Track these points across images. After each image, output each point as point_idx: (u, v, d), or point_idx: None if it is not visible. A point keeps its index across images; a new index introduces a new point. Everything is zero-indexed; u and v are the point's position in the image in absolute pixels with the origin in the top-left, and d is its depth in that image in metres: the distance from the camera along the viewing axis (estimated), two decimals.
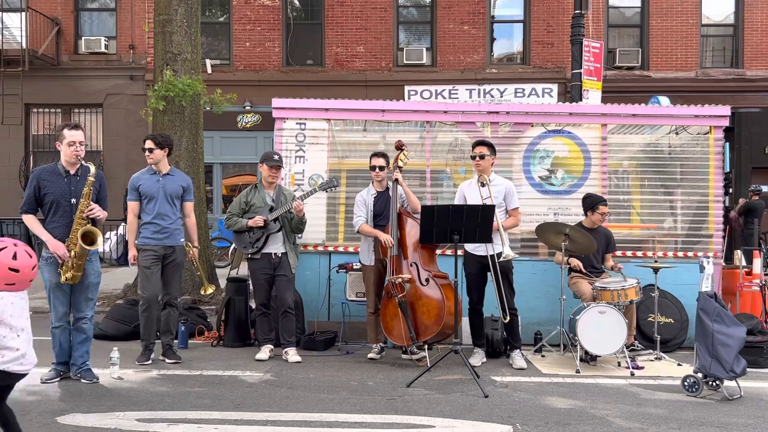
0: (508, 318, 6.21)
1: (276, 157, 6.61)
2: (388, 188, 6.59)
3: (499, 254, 6.14)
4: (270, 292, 6.56)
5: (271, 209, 6.48)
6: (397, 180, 6.42)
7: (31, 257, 3.47)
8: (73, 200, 5.37)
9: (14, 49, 15.87)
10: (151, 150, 6.24)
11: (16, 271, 3.37)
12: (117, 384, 5.45)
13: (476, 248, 6.31)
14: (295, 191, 7.02)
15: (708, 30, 16.72)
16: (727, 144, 8.95)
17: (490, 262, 6.16)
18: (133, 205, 6.25)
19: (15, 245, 3.44)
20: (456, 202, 6.51)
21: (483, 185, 6.31)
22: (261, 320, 6.61)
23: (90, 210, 5.34)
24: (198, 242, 6.38)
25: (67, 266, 5.28)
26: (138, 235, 6.22)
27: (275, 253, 6.45)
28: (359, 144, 7.84)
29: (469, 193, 6.44)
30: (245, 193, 6.66)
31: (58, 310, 5.43)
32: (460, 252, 6.78)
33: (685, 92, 15.15)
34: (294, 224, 6.49)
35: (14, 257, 3.38)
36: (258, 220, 6.40)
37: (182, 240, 6.33)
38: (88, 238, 5.28)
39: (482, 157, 6.35)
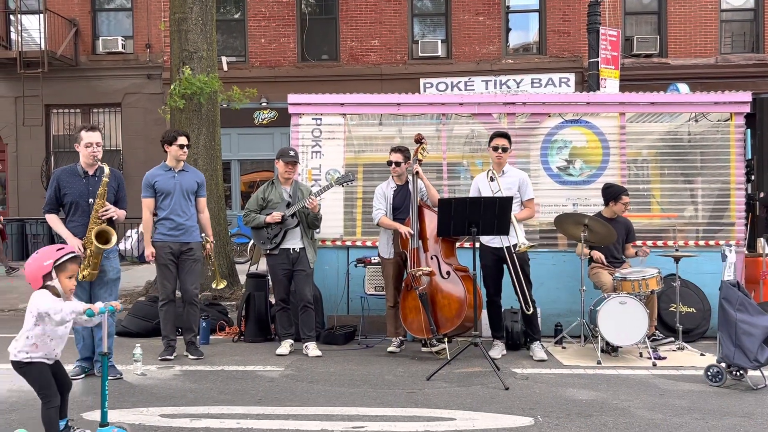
0: (531, 310, 6.18)
1: (292, 153, 6.63)
2: (407, 182, 6.58)
3: (514, 246, 6.11)
4: (289, 288, 6.59)
5: (288, 205, 6.51)
6: (417, 173, 6.40)
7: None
8: (91, 200, 5.45)
9: (33, 51, 16.05)
10: (189, 146, 6.38)
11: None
12: (140, 380, 5.52)
13: (491, 240, 6.28)
14: (312, 186, 7.04)
15: (727, 15, 16.46)
16: (749, 130, 8.82)
17: (507, 254, 6.13)
18: (148, 202, 6.27)
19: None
20: (471, 194, 6.48)
21: (492, 180, 6.27)
22: (281, 315, 6.65)
23: (104, 210, 5.41)
24: (217, 238, 6.49)
25: (83, 264, 5.36)
26: (154, 231, 6.26)
27: (293, 249, 6.49)
28: (375, 138, 7.84)
29: (483, 185, 6.40)
30: (262, 189, 6.69)
31: None
32: (477, 244, 6.77)
33: (705, 79, 14.93)
34: (309, 220, 6.51)
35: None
36: (275, 216, 6.43)
37: (203, 235, 6.39)
38: (103, 237, 5.36)
39: (504, 149, 6.30)
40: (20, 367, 3.82)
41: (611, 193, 6.79)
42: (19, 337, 3.82)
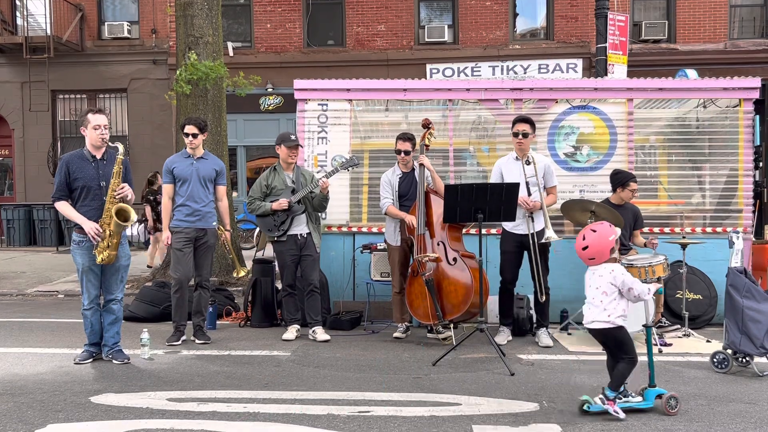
0: (544, 297, 6.17)
1: (293, 137, 6.66)
2: (413, 169, 6.56)
3: (540, 233, 6.09)
4: (296, 273, 6.62)
5: (293, 191, 6.52)
6: (422, 164, 6.37)
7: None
8: (102, 183, 5.45)
9: (39, 36, 16.02)
10: (195, 135, 6.34)
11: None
12: (148, 365, 5.56)
13: (516, 226, 6.25)
14: (318, 172, 7.04)
15: (737, 0, 16.29)
16: (758, 117, 8.77)
17: (531, 241, 6.11)
18: (167, 188, 6.36)
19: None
20: (492, 178, 6.43)
21: (528, 163, 6.18)
22: (287, 301, 6.67)
23: (121, 188, 5.43)
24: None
25: (102, 246, 5.37)
26: (172, 217, 6.32)
27: (300, 234, 6.51)
28: (381, 124, 7.82)
29: (507, 170, 6.33)
30: (265, 176, 6.70)
31: (91, 292, 5.54)
32: (495, 231, 6.77)
33: (714, 65, 14.81)
34: (317, 202, 6.52)
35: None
36: (282, 203, 6.45)
37: (214, 223, 6.42)
38: (122, 215, 5.37)
39: (525, 135, 6.22)
40: (614, 330, 4.28)
41: (619, 179, 6.76)
42: (609, 305, 4.28)
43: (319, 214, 6.74)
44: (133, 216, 5.42)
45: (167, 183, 6.37)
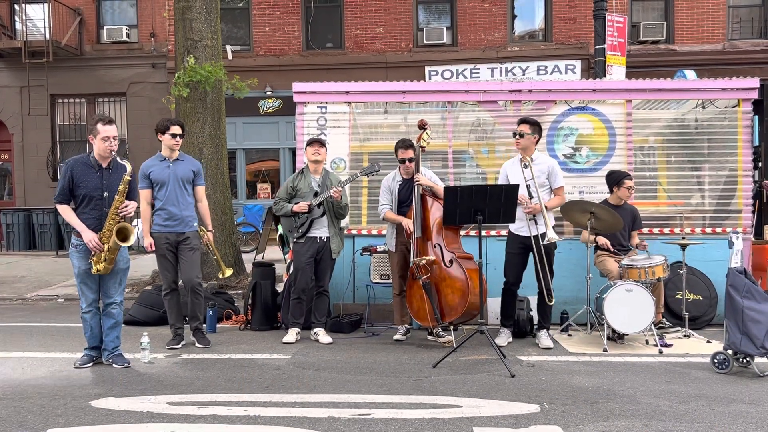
0: (553, 300, 6.14)
1: (315, 136, 6.79)
2: (413, 175, 6.55)
3: (542, 235, 6.09)
4: (311, 277, 6.62)
5: (316, 194, 6.55)
6: (419, 182, 6.34)
7: None
8: (106, 194, 5.42)
9: (38, 40, 16.03)
10: (182, 136, 6.30)
11: None
12: (148, 368, 5.55)
13: (519, 228, 6.25)
14: (344, 178, 7.04)
15: (735, 0, 16.30)
16: (756, 117, 8.77)
17: (533, 243, 6.10)
18: (145, 193, 6.22)
19: None
20: (499, 181, 6.45)
21: (526, 166, 6.20)
22: (295, 305, 6.62)
23: (124, 207, 5.42)
24: (223, 227, 6.50)
25: (98, 258, 5.37)
26: (152, 222, 6.25)
27: (320, 237, 6.53)
28: (380, 126, 7.82)
29: (512, 172, 6.33)
30: (292, 178, 6.75)
31: (88, 296, 5.53)
32: (494, 233, 6.77)
33: (712, 65, 14.82)
34: (335, 210, 6.54)
35: None
36: (302, 206, 6.48)
37: (196, 224, 6.35)
38: (122, 234, 5.37)
39: (522, 135, 6.20)
40: None
41: (614, 179, 6.77)
42: None
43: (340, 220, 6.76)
44: (133, 237, 5.40)
45: (144, 188, 6.20)
